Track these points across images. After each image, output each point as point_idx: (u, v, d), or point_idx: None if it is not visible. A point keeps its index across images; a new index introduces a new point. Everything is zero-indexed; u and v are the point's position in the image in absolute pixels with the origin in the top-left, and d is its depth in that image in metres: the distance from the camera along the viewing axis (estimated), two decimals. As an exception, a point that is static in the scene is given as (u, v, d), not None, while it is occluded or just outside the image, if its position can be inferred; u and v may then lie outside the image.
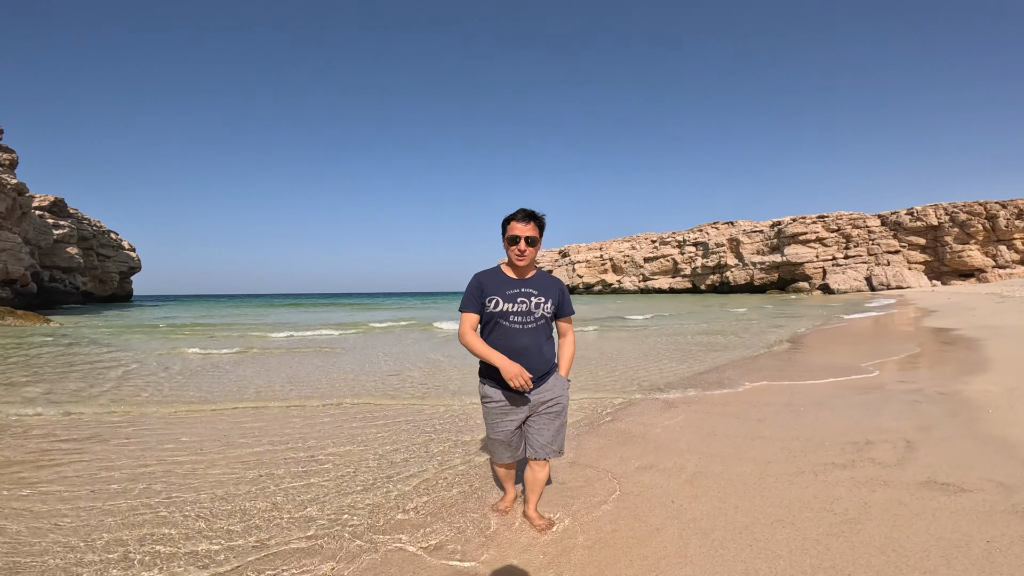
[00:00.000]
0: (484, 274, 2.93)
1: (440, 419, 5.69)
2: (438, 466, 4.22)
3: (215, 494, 3.69)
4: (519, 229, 2.83)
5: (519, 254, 2.84)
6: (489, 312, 2.84)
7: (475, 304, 2.86)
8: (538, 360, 2.87)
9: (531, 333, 2.86)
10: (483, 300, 2.85)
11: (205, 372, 9.34)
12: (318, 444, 4.85)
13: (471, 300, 2.86)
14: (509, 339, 2.83)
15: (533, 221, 2.86)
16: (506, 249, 2.90)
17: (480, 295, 2.85)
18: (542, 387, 2.91)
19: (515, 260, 2.86)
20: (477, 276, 2.93)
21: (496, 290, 2.84)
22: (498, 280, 2.89)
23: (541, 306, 2.88)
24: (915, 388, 6.32)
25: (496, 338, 2.84)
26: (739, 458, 4.16)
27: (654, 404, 6.29)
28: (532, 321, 2.87)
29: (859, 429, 4.78)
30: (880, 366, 8.52)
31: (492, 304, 2.82)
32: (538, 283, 2.94)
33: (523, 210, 2.87)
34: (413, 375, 8.77)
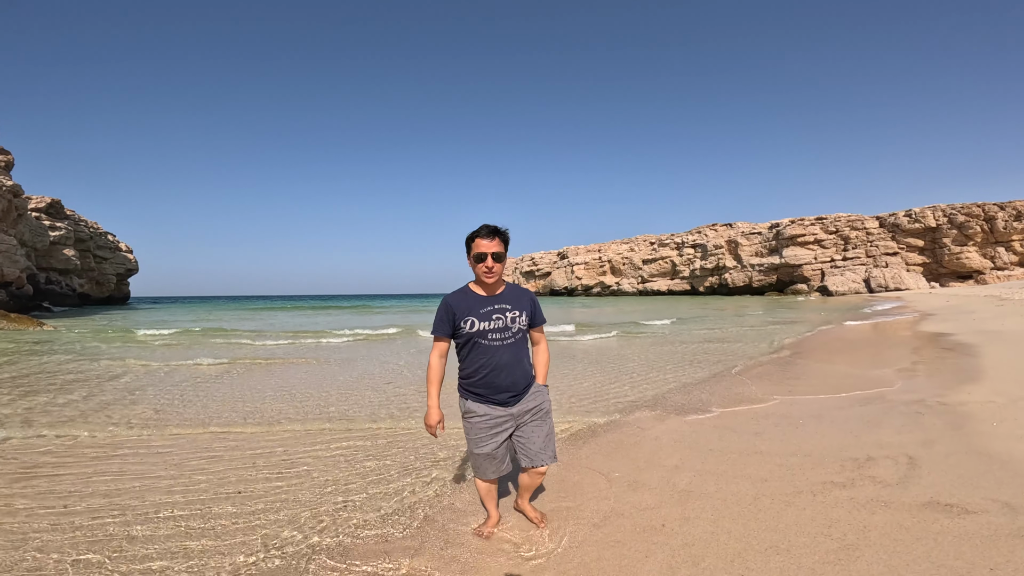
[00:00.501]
0: (453, 297, 2.91)
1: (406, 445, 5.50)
2: (413, 491, 4.05)
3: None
4: (485, 246, 2.79)
5: (487, 271, 2.81)
6: (466, 333, 2.83)
7: (446, 328, 2.87)
8: (519, 374, 2.93)
9: (511, 348, 2.90)
10: (456, 323, 2.85)
11: (178, 387, 8.77)
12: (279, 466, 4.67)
13: (441, 325, 2.87)
14: (490, 357, 2.85)
15: (498, 236, 2.82)
16: (473, 267, 2.87)
17: (451, 319, 2.85)
18: (525, 398, 2.97)
19: (484, 277, 2.83)
20: (446, 300, 2.90)
21: (469, 311, 2.83)
22: (469, 300, 2.87)
23: (517, 320, 2.91)
24: (916, 398, 6.15)
25: (476, 357, 2.87)
26: (734, 476, 3.99)
27: (648, 415, 6.12)
28: (511, 336, 2.89)
29: (859, 444, 4.61)
30: (879, 375, 8.36)
31: (468, 325, 2.82)
32: (510, 297, 2.94)
33: (486, 226, 2.82)
34: (375, 396, 8.57)
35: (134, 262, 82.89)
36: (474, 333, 2.83)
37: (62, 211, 67.46)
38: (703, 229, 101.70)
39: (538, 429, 2.98)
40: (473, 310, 2.84)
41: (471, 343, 2.86)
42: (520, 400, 2.95)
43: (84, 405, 7.10)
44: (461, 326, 2.83)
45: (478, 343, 2.85)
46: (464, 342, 2.88)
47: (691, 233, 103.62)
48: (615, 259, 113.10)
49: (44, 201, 64.66)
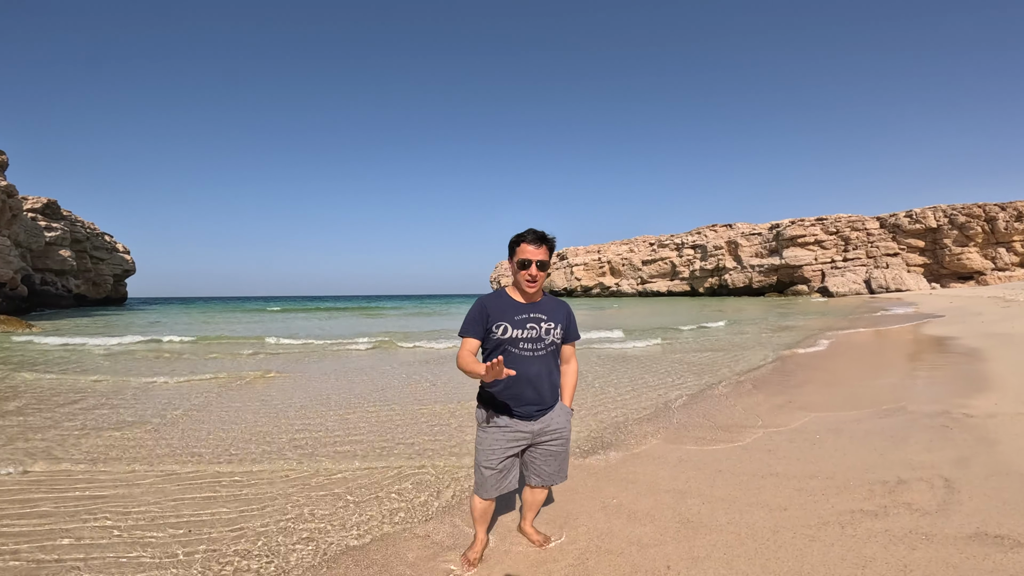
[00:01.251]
0: (489, 299, 2.75)
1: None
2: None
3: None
4: (530, 252, 2.65)
5: (530, 279, 2.67)
6: (496, 339, 2.68)
7: (477, 330, 2.69)
8: (547, 389, 2.78)
9: (541, 360, 2.74)
10: (487, 326, 2.69)
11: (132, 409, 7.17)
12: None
13: (472, 325, 2.69)
14: (519, 367, 2.66)
15: (545, 244, 2.68)
16: (514, 272, 2.72)
17: (484, 321, 2.69)
18: (548, 415, 2.81)
19: (525, 286, 2.69)
20: (481, 301, 2.73)
21: (503, 315, 2.68)
22: (504, 305, 2.72)
23: (551, 332, 2.76)
24: (940, 410, 5.68)
25: (505, 366, 2.61)
26: (748, 503, 3.52)
27: (649, 430, 5.66)
28: (543, 348, 2.74)
29: (886, 464, 4.14)
30: (895, 383, 7.91)
31: (500, 330, 2.67)
32: (547, 307, 2.80)
33: (534, 231, 2.68)
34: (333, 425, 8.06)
35: (131, 263, 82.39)
36: (505, 340, 2.67)
37: (59, 212, 66.92)
38: (703, 230, 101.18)
39: (555, 455, 2.87)
40: (507, 315, 2.69)
41: (501, 350, 2.67)
42: (543, 416, 2.79)
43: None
44: (493, 330, 2.67)
45: (508, 351, 2.67)
46: (493, 348, 2.70)
47: (691, 234, 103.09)
48: (614, 260, 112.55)
49: (40, 202, 64.14)
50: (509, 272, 2.79)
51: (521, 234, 2.69)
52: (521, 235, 2.69)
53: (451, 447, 5.05)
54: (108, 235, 78.95)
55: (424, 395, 7.73)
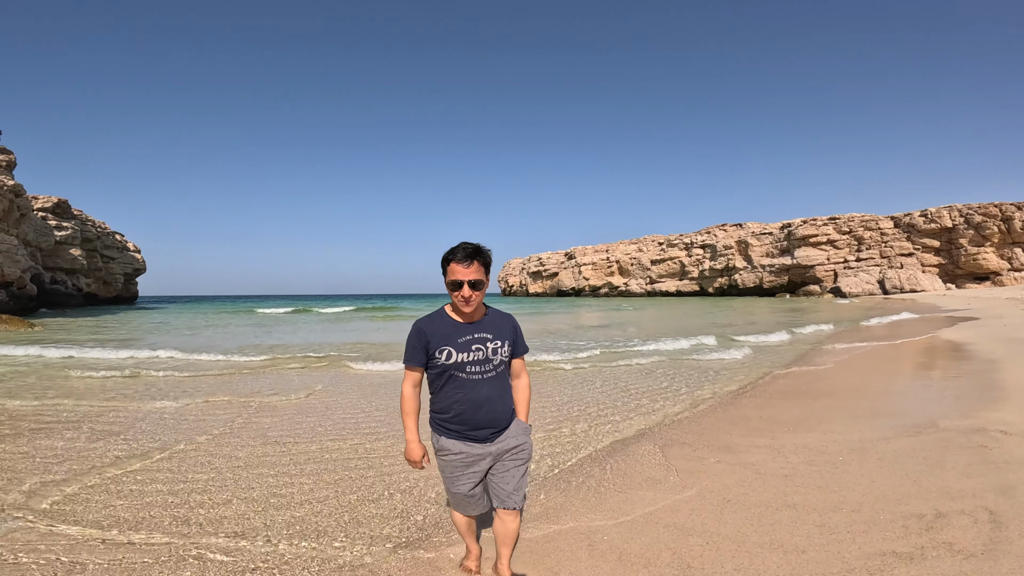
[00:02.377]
0: (426, 322, 2.56)
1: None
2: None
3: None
4: (461, 272, 2.42)
5: (464, 300, 2.45)
6: (441, 364, 2.49)
7: (419, 357, 2.51)
8: (501, 410, 2.60)
9: (491, 382, 2.56)
10: (430, 352, 2.50)
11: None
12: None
13: (414, 353, 2.51)
14: (468, 392, 2.51)
15: (476, 260, 2.43)
16: (449, 293, 2.51)
17: (424, 347, 2.50)
18: (504, 435, 2.62)
19: (460, 307, 2.48)
20: (418, 325, 2.54)
21: (445, 339, 2.49)
22: (445, 327, 2.52)
23: (499, 351, 2.57)
24: (974, 426, 5.12)
25: (452, 391, 2.52)
26: (760, 543, 3.01)
27: (649, 447, 5.16)
28: (491, 369, 2.56)
29: (921, 493, 3.61)
30: (922, 395, 7.36)
31: (444, 356, 2.48)
32: (491, 325, 2.60)
33: (464, 248, 2.43)
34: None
35: (142, 262, 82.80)
36: (450, 365, 2.48)
37: (69, 211, 67.30)
38: (712, 229, 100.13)
39: (515, 470, 2.63)
40: (450, 339, 2.49)
41: (446, 375, 2.51)
42: (500, 436, 2.60)
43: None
44: (436, 356, 2.48)
45: (455, 376, 2.50)
46: (439, 374, 2.52)
47: (700, 233, 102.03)
48: (623, 259, 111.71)
49: (51, 201, 64.51)
50: (517, 272, 2.43)
51: (451, 251, 2.45)
52: (450, 252, 2.45)
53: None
54: (119, 234, 79.34)
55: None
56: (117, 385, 8.89)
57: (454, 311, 2.57)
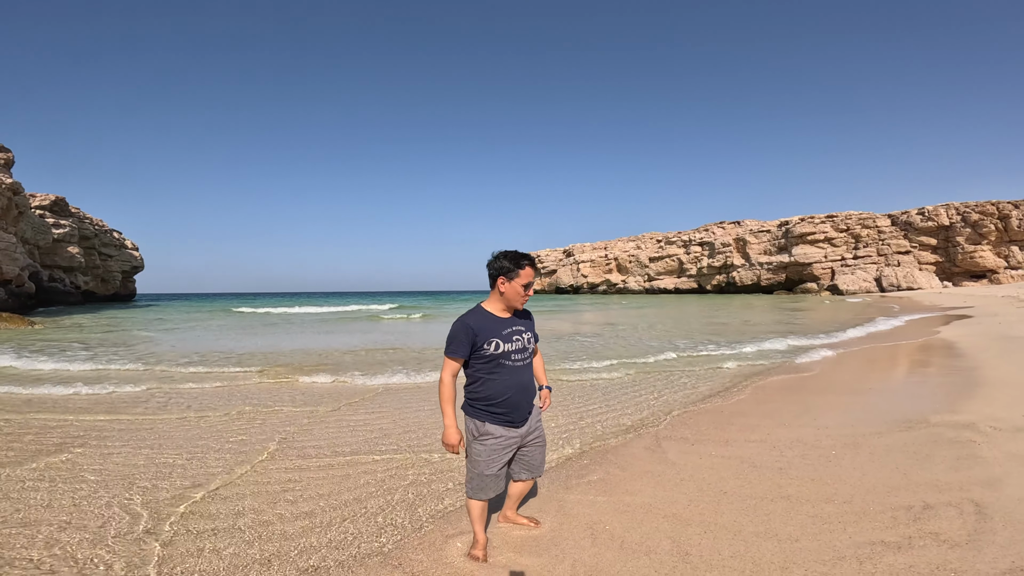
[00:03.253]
0: (472, 318, 2.86)
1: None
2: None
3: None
4: (531, 276, 2.87)
5: (525, 299, 2.91)
6: (490, 354, 2.82)
7: (464, 350, 2.81)
8: (532, 392, 3.03)
9: (528, 368, 3.00)
10: (477, 345, 2.81)
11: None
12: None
13: (460, 346, 2.81)
14: (515, 377, 2.89)
15: (535, 267, 2.94)
16: (512, 292, 2.87)
17: (471, 340, 2.80)
18: (530, 417, 3.03)
19: (518, 302, 2.90)
20: (465, 321, 2.83)
21: (492, 332, 2.83)
22: (488, 322, 2.86)
23: (531, 340, 3.00)
24: (966, 422, 5.27)
25: (502, 378, 2.85)
26: (755, 532, 3.15)
27: (650, 440, 5.29)
28: (528, 356, 2.98)
29: (910, 485, 3.76)
30: (916, 391, 7.50)
31: (492, 346, 2.81)
32: (521, 319, 3.00)
33: (529, 256, 2.90)
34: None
35: (140, 259, 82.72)
36: (499, 354, 2.83)
37: (67, 208, 67.20)
38: (710, 227, 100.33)
39: (540, 449, 3.11)
40: (496, 331, 2.84)
41: (495, 363, 2.84)
42: (528, 419, 3.01)
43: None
44: (484, 347, 2.81)
45: (503, 364, 2.85)
46: (487, 362, 2.84)
47: (698, 231, 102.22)
48: (621, 257, 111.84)
49: (49, 199, 64.37)
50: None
51: (520, 257, 2.85)
52: (524, 257, 2.86)
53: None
54: (117, 232, 79.24)
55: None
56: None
57: (492, 308, 2.92)
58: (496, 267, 2.86)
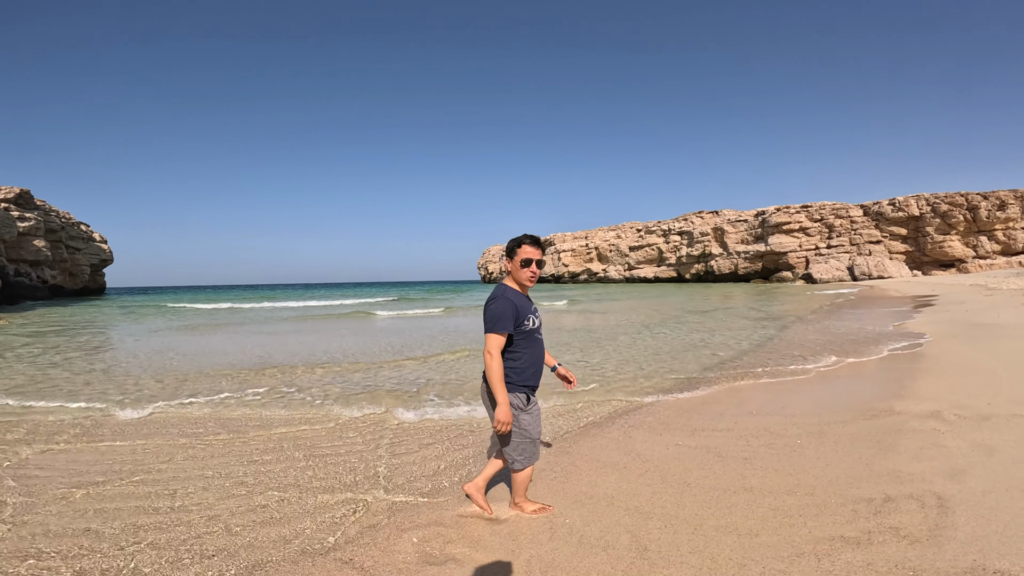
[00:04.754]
0: (513, 296, 3.01)
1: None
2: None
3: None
4: (532, 252, 3.04)
5: (533, 276, 3.07)
6: (527, 330, 3.02)
7: (511, 326, 2.94)
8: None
9: (543, 343, 3.23)
10: (518, 321, 2.97)
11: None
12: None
13: (507, 322, 2.93)
14: (539, 349, 3.13)
15: (540, 246, 3.08)
16: (515, 270, 3.07)
17: (516, 317, 2.95)
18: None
19: (528, 281, 3.07)
20: (509, 299, 2.97)
21: (526, 310, 3.03)
22: (522, 300, 3.05)
23: (541, 317, 3.22)
24: (930, 410, 5.27)
25: (534, 352, 3.08)
26: (716, 526, 3.08)
27: (620, 425, 5.21)
28: (542, 332, 3.23)
29: (872, 476, 3.72)
30: (882, 377, 7.54)
31: (530, 322, 3.02)
32: (530, 299, 3.20)
33: (531, 236, 3.08)
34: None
35: (109, 252, 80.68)
36: (534, 329, 3.05)
37: (32, 201, 65.08)
38: (689, 216, 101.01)
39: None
40: (528, 308, 3.05)
41: (528, 339, 3.04)
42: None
43: None
44: (525, 323, 2.99)
45: (535, 339, 3.08)
46: (524, 338, 3.01)
47: (677, 220, 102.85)
48: (602, 246, 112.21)
49: (13, 192, 62.22)
50: (497, 259, 2.94)
51: (520, 238, 3.07)
52: (521, 238, 3.06)
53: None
54: (85, 224, 77.10)
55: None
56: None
57: (514, 286, 3.08)
58: (505, 250, 3.14)
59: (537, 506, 3.32)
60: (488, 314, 2.93)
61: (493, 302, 2.94)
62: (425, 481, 4.03)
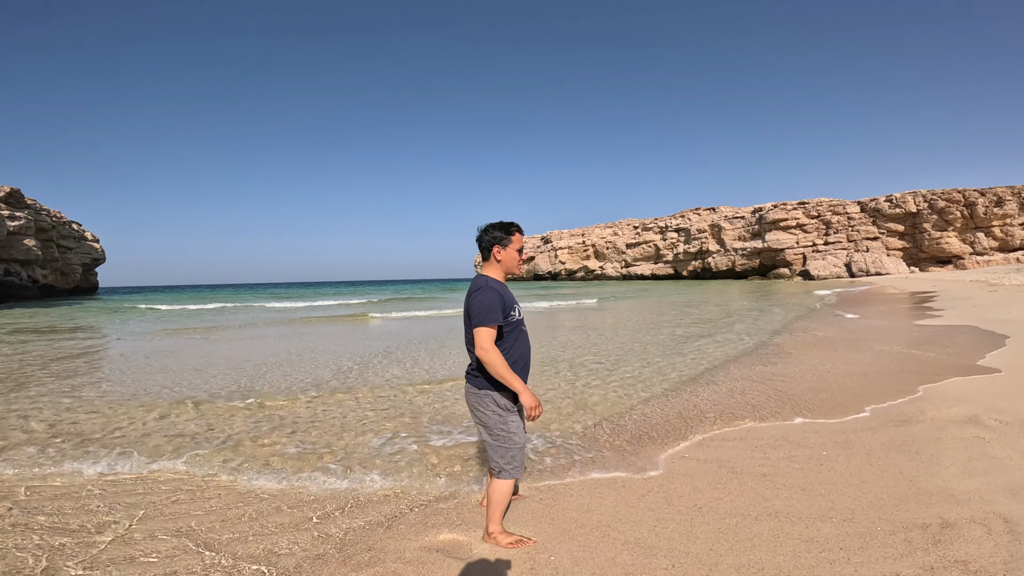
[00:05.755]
0: (496, 284, 2.79)
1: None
2: None
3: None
4: (521, 241, 2.88)
5: (522, 264, 2.90)
6: (516, 320, 2.83)
7: (501, 316, 2.71)
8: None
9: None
10: (506, 311, 2.76)
11: None
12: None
13: (498, 313, 2.69)
14: (526, 342, 2.91)
15: (522, 233, 2.91)
16: (508, 259, 2.86)
17: (503, 307, 2.73)
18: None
19: (517, 269, 2.90)
20: (496, 288, 2.75)
21: (512, 299, 2.84)
22: (507, 291, 2.84)
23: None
24: (967, 415, 4.67)
25: (520, 345, 2.85)
26: (738, 567, 2.46)
27: (614, 443, 4.60)
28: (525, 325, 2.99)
29: (920, 495, 3.11)
30: (901, 376, 6.96)
31: (517, 312, 2.84)
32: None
33: (516, 224, 2.90)
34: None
35: (101, 251, 79.79)
36: (520, 320, 2.88)
37: (22, 200, 64.21)
38: (686, 213, 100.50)
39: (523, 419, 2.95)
40: (512, 299, 2.84)
41: (516, 331, 2.83)
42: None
43: None
44: (512, 313, 2.79)
45: (521, 331, 2.88)
46: (511, 330, 2.81)
47: (674, 217, 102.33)
48: (599, 243, 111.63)
49: (3, 191, 61.41)
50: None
51: (511, 224, 2.85)
52: (512, 225, 2.86)
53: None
54: (76, 223, 76.20)
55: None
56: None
57: (497, 275, 2.86)
58: (490, 238, 2.83)
59: (515, 538, 2.81)
60: (475, 306, 2.66)
61: (479, 292, 2.69)
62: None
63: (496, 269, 2.86)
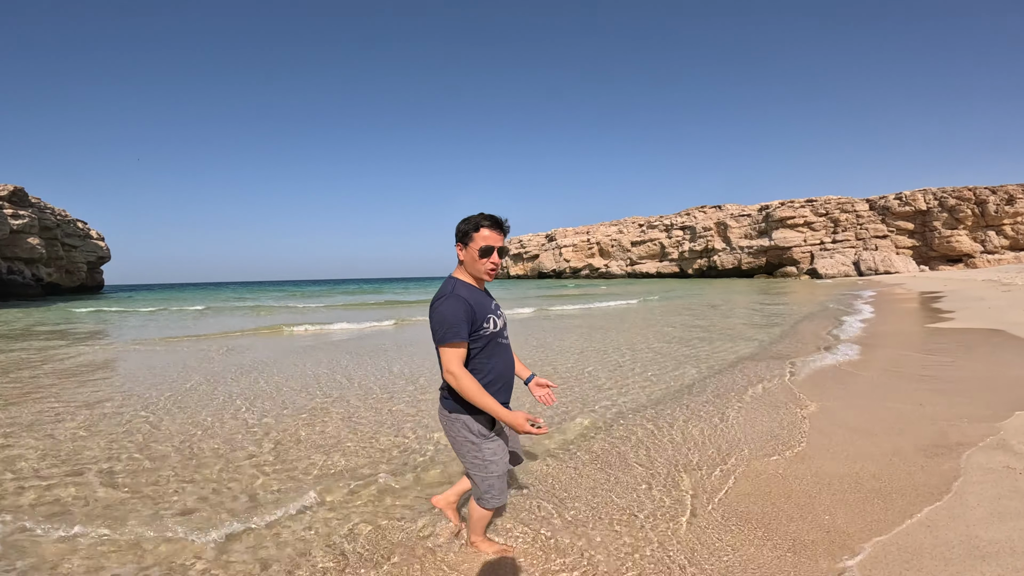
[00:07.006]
0: (464, 293, 2.35)
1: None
2: None
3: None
4: (494, 239, 2.38)
5: (493, 268, 2.43)
6: (489, 334, 2.41)
7: (466, 331, 2.31)
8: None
9: (510, 347, 2.61)
10: (476, 323, 2.35)
11: None
12: None
13: (463, 327, 2.28)
14: (506, 357, 2.51)
15: (502, 230, 2.40)
16: (471, 261, 2.39)
17: (471, 319, 2.33)
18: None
19: (487, 275, 2.43)
20: (461, 297, 2.32)
21: (486, 308, 2.42)
22: (479, 297, 2.43)
23: (505, 316, 2.62)
24: (994, 442, 4.29)
25: (496, 361, 2.45)
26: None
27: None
28: (508, 333, 2.59)
29: (939, 545, 2.79)
30: (919, 395, 6.60)
31: (491, 324, 2.42)
32: (490, 293, 2.64)
33: (492, 216, 2.39)
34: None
35: (106, 249, 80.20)
36: (496, 332, 2.45)
37: (26, 199, 64.51)
38: (692, 211, 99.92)
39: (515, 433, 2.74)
40: (488, 307, 2.44)
41: (491, 344, 2.43)
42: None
43: None
44: (484, 325, 2.39)
45: (498, 343, 2.47)
46: (484, 345, 2.41)
47: (680, 215, 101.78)
48: (604, 241, 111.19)
49: (7, 189, 61.71)
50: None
51: (475, 218, 2.38)
52: (478, 219, 2.37)
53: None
54: (81, 221, 76.55)
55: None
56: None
57: (471, 280, 2.47)
58: (456, 233, 2.42)
59: (499, 546, 2.73)
60: (435, 320, 2.28)
61: (440, 303, 2.29)
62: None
63: (464, 271, 2.47)
